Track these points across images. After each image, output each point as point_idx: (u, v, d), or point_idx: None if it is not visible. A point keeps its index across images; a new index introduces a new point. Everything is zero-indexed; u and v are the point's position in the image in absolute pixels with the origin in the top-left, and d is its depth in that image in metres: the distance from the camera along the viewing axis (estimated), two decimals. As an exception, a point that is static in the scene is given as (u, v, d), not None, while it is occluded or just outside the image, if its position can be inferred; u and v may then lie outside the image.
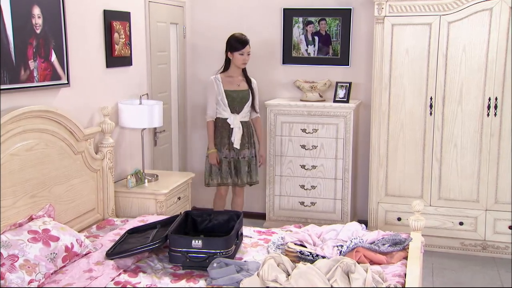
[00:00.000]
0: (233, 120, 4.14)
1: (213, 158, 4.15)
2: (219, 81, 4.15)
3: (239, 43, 4.11)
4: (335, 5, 4.73)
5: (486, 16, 3.99)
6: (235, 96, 4.14)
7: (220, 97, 4.12)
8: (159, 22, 4.51)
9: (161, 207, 3.74)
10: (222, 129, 4.17)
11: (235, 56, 4.12)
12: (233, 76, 4.18)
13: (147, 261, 2.86)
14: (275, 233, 3.36)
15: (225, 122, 4.15)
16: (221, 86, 4.13)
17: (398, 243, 3.01)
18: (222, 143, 4.17)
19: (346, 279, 2.48)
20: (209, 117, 4.19)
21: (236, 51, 4.11)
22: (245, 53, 4.13)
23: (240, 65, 4.15)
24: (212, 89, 4.15)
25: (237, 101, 4.15)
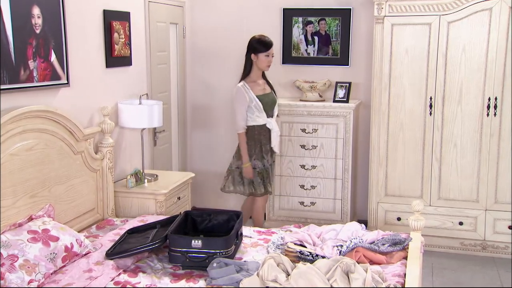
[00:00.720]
0: (272, 124, 3.99)
1: (250, 172, 3.96)
2: (248, 88, 3.93)
3: (264, 45, 3.93)
4: (334, 5, 4.73)
5: (485, 16, 3.99)
6: (267, 100, 3.99)
7: (254, 104, 3.91)
8: (159, 22, 4.50)
9: (160, 207, 3.73)
10: (261, 136, 3.98)
11: (260, 58, 3.94)
12: (257, 80, 4.01)
13: (147, 261, 2.86)
14: (274, 233, 3.36)
15: (262, 129, 3.97)
16: (251, 92, 3.92)
17: (397, 243, 3.01)
18: (265, 151, 4.00)
19: (345, 279, 2.48)
20: (241, 128, 3.95)
21: (261, 53, 3.92)
22: (270, 54, 3.96)
23: (265, 67, 3.97)
24: (242, 98, 3.91)
25: (268, 105, 4.00)
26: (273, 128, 3.99)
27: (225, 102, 5.14)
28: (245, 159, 3.95)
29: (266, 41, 3.95)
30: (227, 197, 5.28)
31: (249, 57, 3.97)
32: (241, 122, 3.94)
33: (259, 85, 4.00)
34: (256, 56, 3.94)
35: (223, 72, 5.11)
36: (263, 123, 3.96)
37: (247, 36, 4.96)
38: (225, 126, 5.19)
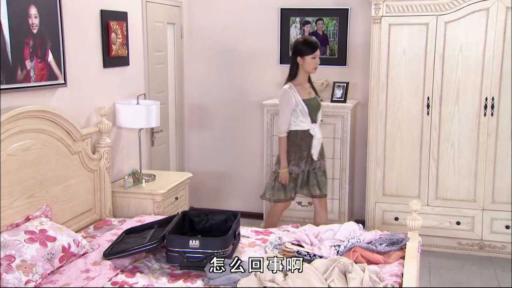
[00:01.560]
0: (315, 131, 3.85)
1: (286, 178, 3.85)
2: (294, 91, 3.79)
3: (310, 47, 3.79)
4: (332, 5, 4.73)
5: (483, 16, 4.00)
6: (313, 105, 3.85)
7: (300, 107, 3.77)
8: (156, 22, 4.50)
9: (158, 207, 3.73)
10: (302, 142, 3.84)
11: (306, 61, 3.79)
12: (303, 84, 3.87)
13: (144, 261, 2.85)
14: (272, 233, 3.36)
15: (305, 134, 3.83)
16: (297, 96, 3.78)
17: (395, 243, 3.01)
18: (301, 157, 3.86)
19: (343, 279, 2.48)
20: (284, 132, 3.81)
21: (307, 55, 3.78)
22: (317, 56, 3.82)
23: (311, 70, 3.83)
24: (289, 100, 3.77)
25: (314, 110, 3.86)
26: (316, 135, 3.85)
27: (222, 102, 5.14)
28: (283, 165, 3.83)
29: (312, 43, 3.81)
30: (225, 197, 5.29)
31: (295, 60, 3.83)
32: (284, 125, 3.80)
33: (305, 89, 3.87)
34: (302, 58, 3.80)
35: (221, 72, 5.11)
36: (307, 128, 3.83)
37: (244, 36, 4.99)
38: (223, 126, 5.19)
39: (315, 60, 3.82)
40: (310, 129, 3.83)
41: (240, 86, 5.08)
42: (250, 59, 5.02)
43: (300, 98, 3.79)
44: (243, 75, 5.06)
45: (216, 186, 5.30)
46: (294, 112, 3.78)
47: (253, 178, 5.16)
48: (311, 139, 3.85)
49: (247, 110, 5.09)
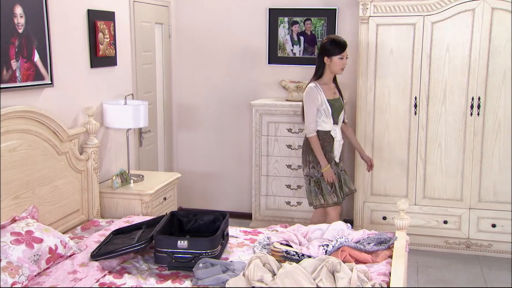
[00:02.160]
0: (336, 132, 3.77)
1: (331, 175, 3.72)
2: (320, 90, 3.71)
3: (338, 46, 3.70)
4: (320, 5, 4.74)
5: (469, 16, 4.04)
6: (336, 106, 3.77)
7: (324, 107, 3.70)
8: (144, 22, 4.48)
9: (146, 207, 3.72)
10: (325, 143, 3.75)
11: (334, 61, 3.71)
12: (328, 84, 3.79)
13: (133, 262, 2.84)
14: (261, 233, 3.36)
15: (326, 135, 3.75)
16: (323, 95, 3.71)
17: (383, 242, 3.02)
18: (328, 158, 3.75)
19: (331, 278, 2.49)
20: (313, 131, 3.72)
21: (335, 55, 3.69)
22: (345, 56, 3.73)
23: (338, 70, 3.75)
24: (314, 98, 3.69)
25: (337, 111, 3.78)
26: (337, 137, 3.77)
27: (211, 102, 5.13)
28: (323, 163, 3.71)
29: (340, 43, 3.72)
30: (214, 197, 5.28)
31: (322, 59, 3.75)
32: (312, 124, 3.71)
33: (330, 89, 3.79)
34: (329, 59, 3.72)
35: (209, 72, 5.10)
36: (328, 129, 3.74)
37: (233, 36, 4.99)
38: (211, 126, 5.18)
39: (342, 60, 3.73)
40: (331, 131, 3.75)
41: (228, 86, 5.08)
42: (239, 59, 5.02)
43: (325, 97, 3.72)
44: (231, 75, 5.06)
45: (205, 186, 5.30)
46: (317, 111, 3.71)
47: (242, 178, 5.16)
48: (333, 141, 3.77)
49: (235, 110, 5.09)
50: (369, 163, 4.05)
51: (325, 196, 3.77)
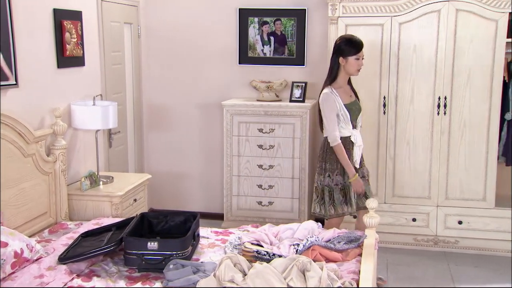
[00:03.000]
0: (356, 137, 3.58)
1: (360, 185, 3.57)
2: (336, 95, 3.53)
3: (354, 46, 3.51)
4: (290, 5, 4.77)
5: (434, 17, 4.11)
6: (354, 109, 3.59)
7: (342, 112, 3.52)
8: (113, 21, 4.43)
9: (116, 209, 3.67)
10: (345, 149, 3.55)
11: (350, 62, 3.51)
12: (343, 87, 3.61)
13: (102, 265, 2.80)
14: (232, 233, 3.35)
15: (346, 141, 3.55)
16: (339, 100, 3.53)
17: (353, 241, 3.05)
18: (339, 167, 3.56)
19: (302, 277, 2.50)
20: (337, 139, 3.51)
21: (350, 56, 3.50)
22: (361, 57, 3.54)
23: (354, 72, 3.55)
24: (332, 104, 3.50)
25: (355, 115, 3.60)
26: (357, 142, 3.59)
27: (181, 102, 5.10)
28: (351, 173, 3.53)
29: (356, 42, 3.53)
30: (185, 198, 5.25)
31: (337, 60, 3.55)
32: (334, 132, 3.50)
33: (346, 92, 3.61)
34: (344, 59, 3.52)
35: (180, 72, 5.07)
36: (348, 135, 3.56)
37: (203, 36, 4.97)
38: (182, 127, 5.15)
39: (358, 61, 3.53)
40: (351, 136, 3.57)
41: (199, 86, 5.06)
42: (209, 59, 5.01)
43: (342, 102, 3.53)
44: (202, 75, 5.04)
45: (176, 187, 5.26)
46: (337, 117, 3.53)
47: (213, 178, 5.15)
48: (352, 147, 3.59)
49: (206, 110, 5.07)
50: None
51: (336, 207, 3.59)
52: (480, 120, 4.18)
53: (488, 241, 4.30)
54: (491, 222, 4.28)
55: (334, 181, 3.58)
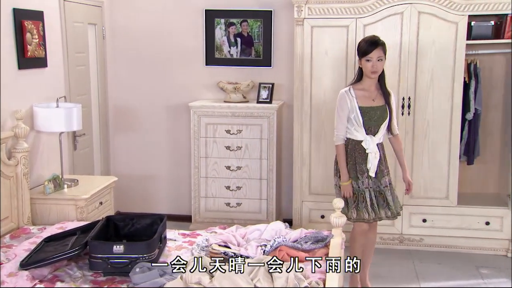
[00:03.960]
0: (369, 144, 3.37)
1: (348, 191, 3.43)
2: (352, 96, 3.38)
3: (366, 46, 3.33)
4: (256, 6, 4.78)
5: (398, 19, 4.18)
6: (371, 114, 3.39)
7: (354, 115, 3.37)
8: (76, 22, 4.35)
9: (81, 212, 3.61)
10: (356, 153, 3.42)
11: (363, 64, 3.35)
12: (367, 89, 3.41)
13: (66, 270, 2.75)
14: (199, 235, 3.34)
15: (358, 145, 3.41)
16: (354, 102, 3.36)
17: (320, 240, 3.08)
18: (360, 170, 3.42)
19: (269, 278, 2.51)
20: (339, 140, 3.43)
21: (363, 57, 3.33)
22: (374, 58, 3.31)
23: (369, 74, 3.35)
24: (343, 104, 3.38)
25: (373, 120, 3.39)
26: (369, 148, 3.37)
27: (148, 104, 5.05)
28: (343, 177, 3.43)
29: (369, 42, 3.36)
30: (153, 201, 5.20)
31: (359, 61, 3.43)
32: (339, 132, 3.42)
33: (368, 96, 3.41)
34: (360, 61, 3.40)
35: (146, 74, 5.03)
36: (360, 139, 3.39)
37: (169, 37, 4.94)
38: (150, 128, 5.10)
39: (370, 63, 3.32)
40: (363, 141, 3.39)
41: (166, 87, 5.02)
42: (176, 60, 4.98)
43: (357, 104, 3.37)
44: (169, 76, 5.00)
45: (144, 190, 5.21)
46: (349, 119, 3.40)
47: (181, 180, 5.11)
48: (365, 152, 3.40)
49: (173, 111, 5.04)
50: (407, 187, 3.66)
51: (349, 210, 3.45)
52: (442, 120, 4.27)
53: (451, 239, 4.40)
54: (454, 220, 4.37)
55: (364, 183, 3.43)
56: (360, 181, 3.43)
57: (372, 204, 3.44)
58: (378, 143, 3.43)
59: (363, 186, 3.43)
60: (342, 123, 3.41)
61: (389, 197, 3.47)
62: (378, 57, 3.32)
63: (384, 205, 3.47)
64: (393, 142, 3.61)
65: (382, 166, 3.45)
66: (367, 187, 3.43)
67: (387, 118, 3.44)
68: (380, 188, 3.46)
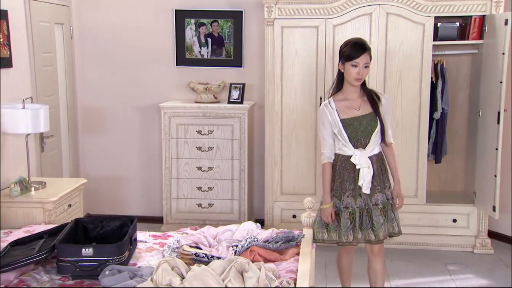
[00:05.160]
0: (359, 158, 3.01)
1: (327, 215, 3.09)
2: (332, 108, 3.04)
3: (352, 50, 2.96)
4: (226, 7, 4.77)
5: (366, 20, 4.24)
6: (356, 125, 3.03)
7: (337, 129, 3.03)
8: (42, 22, 4.28)
9: (49, 215, 3.55)
10: (343, 170, 3.07)
11: (347, 69, 2.99)
12: (350, 98, 3.07)
13: (33, 274, 2.69)
14: (171, 236, 3.31)
15: (347, 161, 3.05)
16: (335, 115, 3.03)
17: (291, 240, 3.09)
18: (343, 188, 3.08)
19: (240, 278, 2.50)
20: (325, 158, 3.09)
21: (348, 61, 2.98)
22: (361, 64, 2.96)
23: (352, 81, 3.00)
24: (325, 120, 3.06)
25: (360, 131, 3.03)
26: (360, 164, 3.01)
27: (118, 104, 5.00)
28: (324, 199, 3.11)
29: (356, 45, 2.99)
30: (124, 202, 5.15)
31: (339, 66, 3.08)
32: (324, 149, 3.09)
33: (350, 106, 3.05)
34: (343, 65, 3.03)
35: (116, 74, 4.97)
36: (349, 154, 3.04)
37: (139, 37, 4.89)
38: (120, 130, 5.04)
39: (356, 69, 2.97)
40: (352, 156, 3.04)
41: (136, 88, 4.97)
42: (146, 61, 4.93)
43: (339, 117, 3.03)
44: (139, 77, 4.96)
45: (114, 192, 5.15)
46: (335, 134, 3.07)
47: (152, 181, 5.07)
48: (354, 168, 3.05)
49: (144, 112, 4.99)
50: (395, 202, 3.20)
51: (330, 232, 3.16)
52: (411, 119, 4.34)
53: (419, 236, 4.47)
54: (423, 218, 4.45)
55: (343, 203, 3.10)
56: (340, 201, 3.12)
57: (354, 225, 3.09)
58: (372, 155, 3.06)
59: (341, 205, 3.11)
60: (326, 140, 3.08)
61: (376, 217, 3.08)
62: (365, 63, 2.98)
63: (368, 226, 3.10)
64: (385, 151, 3.18)
65: (375, 181, 3.07)
66: (347, 207, 3.09)
67: (377, 126, 3.05)
68: (369, 207, 3.09)
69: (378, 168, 3.09)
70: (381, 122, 3.06)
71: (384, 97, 3.14)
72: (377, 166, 3.08)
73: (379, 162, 3.10)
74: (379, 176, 3.10)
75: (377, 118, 3.06)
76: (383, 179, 3.12)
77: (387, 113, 3.12)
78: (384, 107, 3.10)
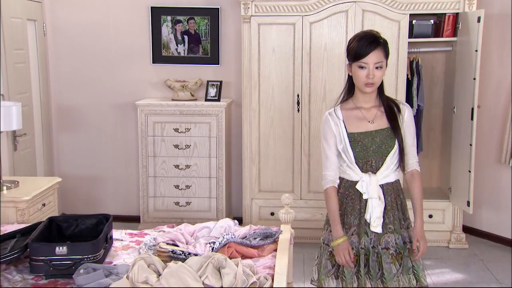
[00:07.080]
0: (366, 186, 2.39)
1: (343, 253, 2.41)
2: (338, 118, 2.43)
3: (359, 46, 2.31)
4: (203, 4, 4.74)
5: (343, 17, 4.26)
6: (366, 142, 2.40)
7: (342, 146, 2.42)
8: (14, 17, 4.19)
9: (22, 215, 3.48)
10: (347, 199, 2.47)
11: (354, 72, 2.35)
12: (362, 107, 2.43)
13: (4, 274, 2.63)
14: (147, 234, 3.28)
15: (351, 188, 2.45)
16: (341, 127, 2.42)
17: (269, 236, 3.08)
18: (346, 223, 2.48)
19: (217, 274, 2.49)
20: (327, 182, 2.48)
21: (355, 61, 2.34)
22: (371, 65, 2.30)
23: (361, 86, 2.35)
24: (328, 133, 2.45)
25: (371, 151, 2.40)
26: (368, 193, 2.39)
27: (93, 102, 4.93)
28: (335, 233, 2.45)
29: (361, 42, 2.32)
30: (100, 201, 5.08)
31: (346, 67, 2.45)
32: (327, 170, 2.48)
33: (362, 116, 2.42)
34: (349, 66, 2.40)
35: (91, 72, 4.90)
36: (355, 179, 2.43)
37: (114, 34, 4.84)
38: (95, 128, 4.98)
39: (364, 71, 2.32)
40: (358, 182, 2.42)
41: (112, 86, 4.91)
42: (122, 58, 4.88)
43: (346, 130, 2.42)
44: (114, 74, 4.90)
45: (90, 190, 5.07)
46: (339, 151, 2.46)
47: (129, 180, 5.02)
48: (360, 198, 2.43)
49: (120, 110, 4.93)
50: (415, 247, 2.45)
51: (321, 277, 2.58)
52: (387, 116, 4.37)
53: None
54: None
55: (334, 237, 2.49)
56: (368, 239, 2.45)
57: (359, 271, 2.44)
58: (384, 183, 2.43)
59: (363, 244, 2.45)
60: (329, 158, 2.46)
61: (386, 265, 2.40)
62: (377, 62, 2.32)
63: (378, 275, 2.43)
64: (408, 180, 2.50)
65: (387, 218, 2.42)
66: (353, 247, 2.45)
67: (395, 146, 2.40)
68: (378, 250, 2.44)
69: (393, 201, 2.44)
70: (399, 141, 2.40)
71: (408, 108, 2.47)
72: (391, 198, 2.44)
73: (394, 193, 2.45)
74: (394, 211, 2.44)
75: (394, 135, 2.40)
76: (398, 216, 2.46)
77: (409, 130, 2.44)
78: (407, 122, 2.44)
